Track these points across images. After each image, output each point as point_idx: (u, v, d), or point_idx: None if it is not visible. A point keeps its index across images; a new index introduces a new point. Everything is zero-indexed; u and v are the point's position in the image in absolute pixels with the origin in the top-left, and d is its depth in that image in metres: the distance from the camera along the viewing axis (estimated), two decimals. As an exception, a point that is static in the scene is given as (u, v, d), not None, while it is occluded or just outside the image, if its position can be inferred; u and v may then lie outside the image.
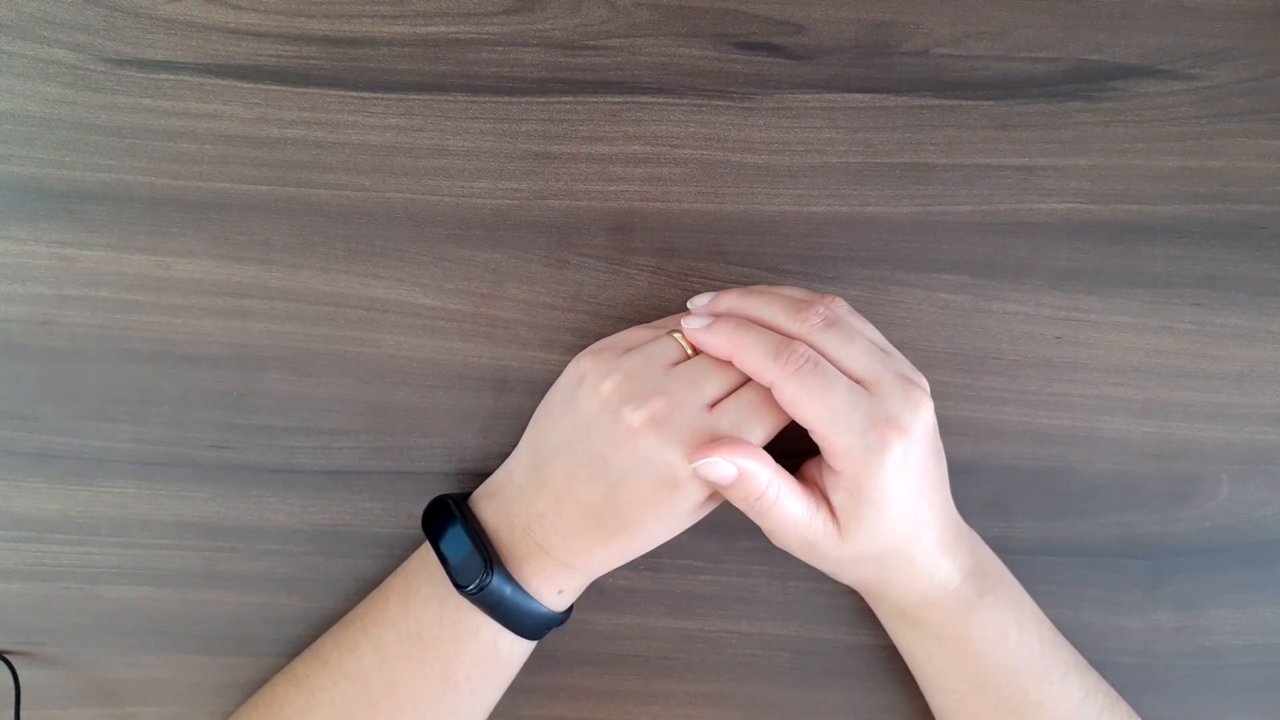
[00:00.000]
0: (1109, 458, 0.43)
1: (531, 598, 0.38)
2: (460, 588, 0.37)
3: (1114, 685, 0.39)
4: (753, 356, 0.35)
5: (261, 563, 0.43)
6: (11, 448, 0.42)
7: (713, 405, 0.36)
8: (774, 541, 0.38)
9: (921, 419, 0.35)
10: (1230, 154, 0.43)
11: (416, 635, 0.38)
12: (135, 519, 0.42)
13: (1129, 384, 0.43)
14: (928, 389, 0.36)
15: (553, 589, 0.38)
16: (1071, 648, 0.39)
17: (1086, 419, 0.43)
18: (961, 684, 0.38)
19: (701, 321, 0.37)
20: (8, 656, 0.42)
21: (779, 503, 0.35)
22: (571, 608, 0.41)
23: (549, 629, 0.39)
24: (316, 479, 0.43)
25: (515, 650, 0.39)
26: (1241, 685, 0.43)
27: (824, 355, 0.35)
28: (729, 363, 0.36)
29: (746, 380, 0.37)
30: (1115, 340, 0.43)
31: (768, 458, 0.35)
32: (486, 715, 0.41)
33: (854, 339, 0.36)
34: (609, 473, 0.36)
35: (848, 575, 0.38)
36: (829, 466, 0.36)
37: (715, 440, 0.35)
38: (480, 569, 0.37)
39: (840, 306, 0.37)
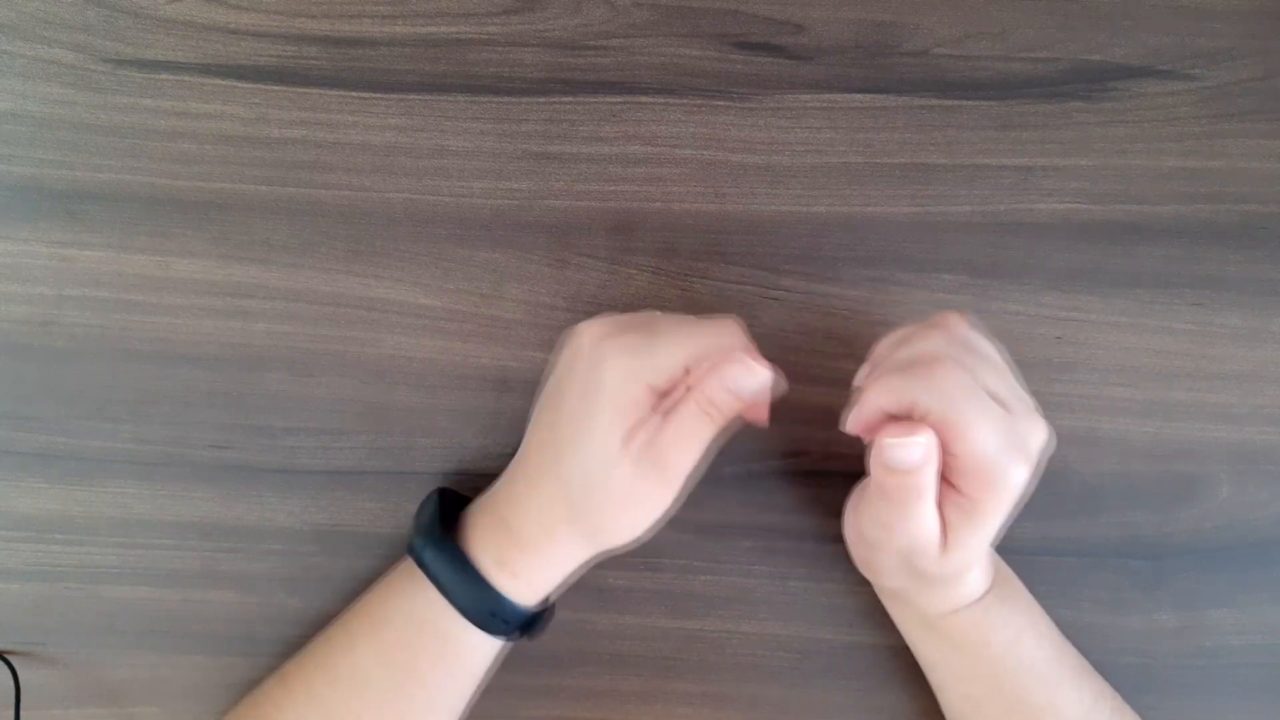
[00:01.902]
0: (1109, 458, 0.43)
1: (477, 573, 0.37)
2: (410, 552, 0.38)
3: (1114, 685, 0.39)
4: (894, 383, 0.33)
5: (262, 563, 0.43)
6: (11, 448, 0.42)
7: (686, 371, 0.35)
8: (870, 536, 0.36)
9: (1040, 446, 0.33)
10: (1230, 154, 0.43)
11: (383, 621, 0.38)
12: (135, 519, 0.42)
13: (1129, 384, 0.43)
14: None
15: (503, 568, 0.37)
16: (1078, 652, 0.39)
17: (1086, 419, 0.43)
18: (978, 687, 0.38)
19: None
20: (8, 656, 0.42)
21: (925, 497, 0.33)
22: (547, 616, 0.39)
23: (510, 626, 0.38)
24: (316, 479, 0.43)
25: (479, 645, 0.38)
26: (1241, 685, 0.43)
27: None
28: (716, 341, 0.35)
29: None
30: (1115, 340, 0.43)
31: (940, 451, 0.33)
32: (440, 717, 0.39)
33: (987, 354, 0.35)
34: (558, 392, 0.36)
35: (897, 582, 0.37)
36: (948, 481, 0.34)
37: (911, 422, 0.32)
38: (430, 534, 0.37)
39: (963, 326, 0.35)
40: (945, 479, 0.34)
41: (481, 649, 0.38)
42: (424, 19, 0.43)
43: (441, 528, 0.38)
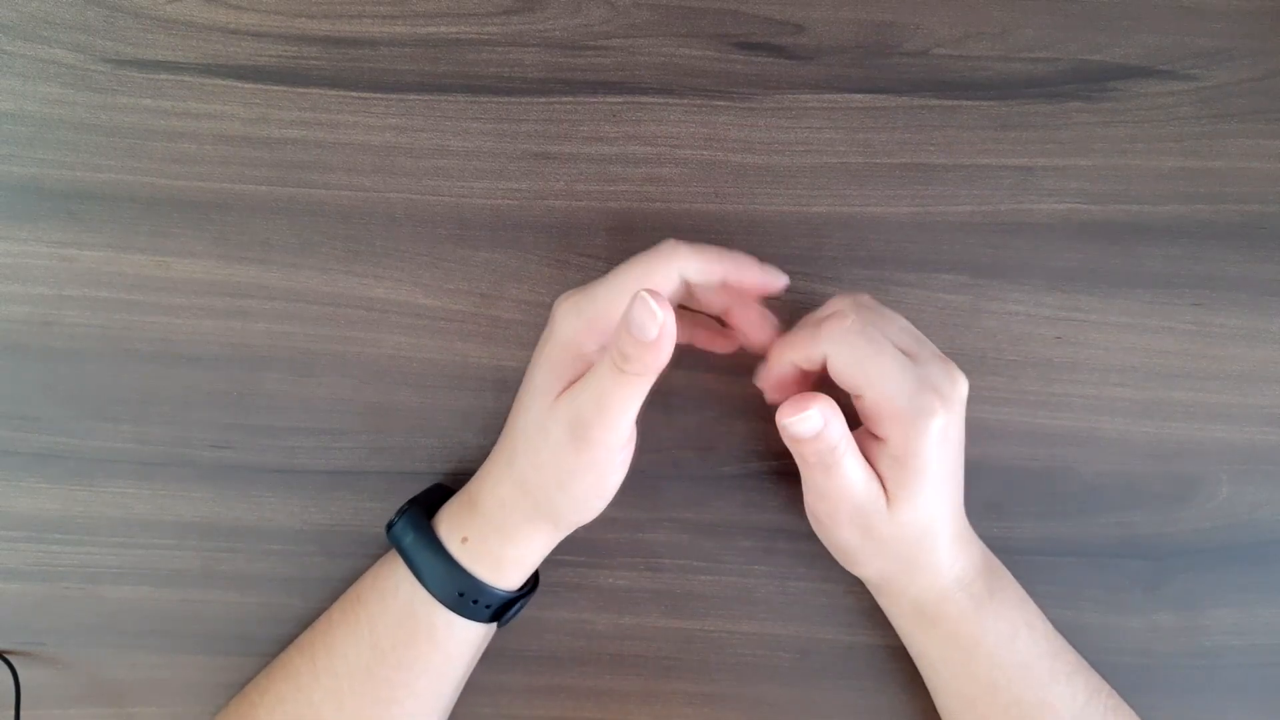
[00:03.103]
0: (1109, 458, 0.43)
1: (437, 541, 0.37)
2: (387, 529, 0.39)
3: (1114, 685, 0.39)
4: (801, 336, 0.36)
5: (261, 563, 0.43)
6: (12, 448, 0.42)
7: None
8: (819, 511, 0.37)
9: (959, 392, 0.35)
10: (1230, 154, 0.43)
11: (355, 598, 0.39)
12: (135, 519, 0.42)
13: (1129, 384, 0.43)
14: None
15: (457, 534, 0.37)
16: (1073, 649, 0.39)
17: (1086, 419, 0.43)
18: (973, 686, 0.38)
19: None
20: (8, 656, 0.42)
21: (845, 458, 0.35)
22: (512, 604, 0.39)
23: (464, 597, 0.37)
24: (316, 479, 0.43)
25: (436, 621, 0.37)
26: (1241, 685, 0.43)
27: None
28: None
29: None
30: (1115, 340, 0.43)
31: (839, 409, 0.34)
32: (421, 704, 0.38)
33: (891, 318, 0.37)
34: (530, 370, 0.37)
35: (874, 563, 0.38)
36: (873, 436, 0.36)
37: (803, 394, 0.34)
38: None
39: (867, 297, 0.37)
40: (870, 433, 0.36)
41: (457, 634, 0.38)
42: (424, 19, 0.43)
43: (414, 505, 0.39)
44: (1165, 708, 0.42)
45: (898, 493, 0.35)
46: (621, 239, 0.43)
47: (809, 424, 0.33)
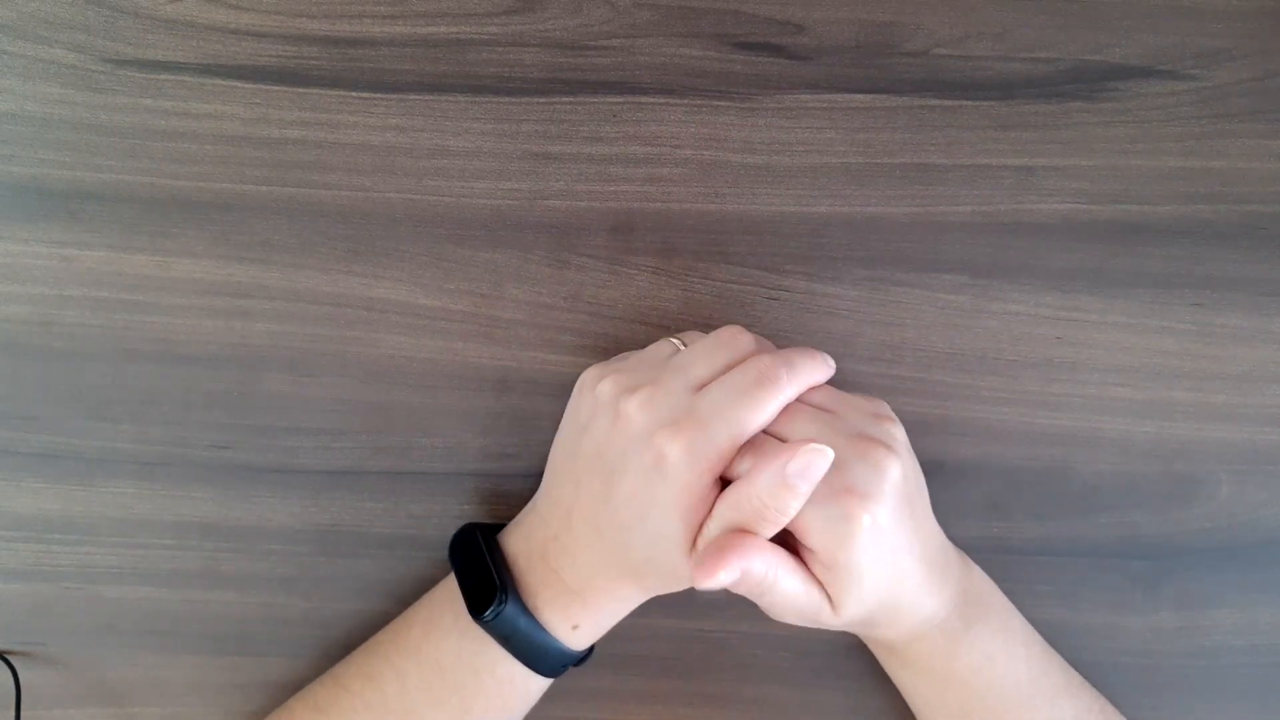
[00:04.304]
0: (1109, 458, 0.43)
1: (545, 631, 0.37)
2: (475, 616, 0.37)
3: (1114, 685, 0.39)
4: None
5: (262, 563, 0.43)
6: (11, 448, 0.42)
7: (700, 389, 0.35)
8: (771, 615, 0.36)
9: (886, 479, 0.33)
10: (1230, 154, 0.43)
11: (436, 665, 0.38)
12: (135, 519, 0.42)
13: (1129, 384, 0.43)
14: (891, 437, 0.35)
15: (567, 623, 0.37)
16: (1064, 668, 0.39)
17: (1086, 419, 0.43)
18: (949, 714, 0.38)
19: None
20: (8, 656, 0.42)
21: (778, 582, 0.34)
22: (593, 647, 0.40)
23: (566, 667, 0.39)
24: (316, 479, 0.43)
25: (532, 686, 0.39)
26: (1241, 685, 0.43)
27: (770, 434, 0.35)
28: (719, 350, 0.36)
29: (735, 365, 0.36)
30: (1115, 340, 0.43)
31: (761, 542, 0.33)
32: None
33: (796, 413, 0.35)
34: (606, 468, 0.35)
35: (839, 629, 0.37)
36: (806, 549, 0.35)
37: (713, 547, 0.33)
38: (495, 597, 0.36)
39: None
40: (803, 544, 0.34)
41: (539, 684, 0.39)
42: (424, 19, 0.43)
43: (504, 587, 0.37)
44: (1165, 708, 0.42)
45: (838, 596, 0.34)
46: (621, 239, 0.43)
47: (723, 581, 0.32)
